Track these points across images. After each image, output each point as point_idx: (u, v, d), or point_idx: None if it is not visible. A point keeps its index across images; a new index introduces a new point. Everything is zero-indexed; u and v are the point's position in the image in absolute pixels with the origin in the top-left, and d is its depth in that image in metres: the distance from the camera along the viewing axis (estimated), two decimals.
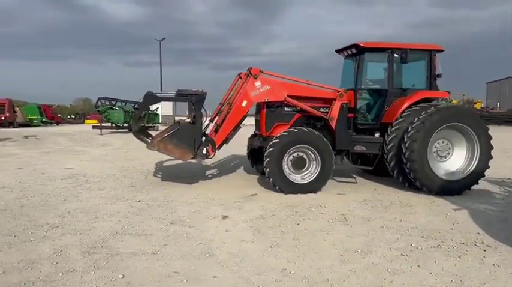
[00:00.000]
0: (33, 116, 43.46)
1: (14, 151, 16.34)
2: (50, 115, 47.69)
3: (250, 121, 9.90)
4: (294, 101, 8.80)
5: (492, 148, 8.30)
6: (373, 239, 5.38)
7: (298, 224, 6.04)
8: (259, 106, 9.15)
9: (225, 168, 11.62)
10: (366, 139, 9.05)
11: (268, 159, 8.05)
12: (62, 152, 15.82)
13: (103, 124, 29.89)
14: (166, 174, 10.56)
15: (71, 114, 70.81)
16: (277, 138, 8.19)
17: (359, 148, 8.96)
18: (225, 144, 8.95)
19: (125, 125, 29.75)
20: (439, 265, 4.47)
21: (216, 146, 8.50)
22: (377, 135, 9.21)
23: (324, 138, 8.29)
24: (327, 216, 6.49)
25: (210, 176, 10.35)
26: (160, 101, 9.08)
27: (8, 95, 36.12)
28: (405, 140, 8.00)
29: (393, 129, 8.40)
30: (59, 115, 48.47)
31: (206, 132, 8.76)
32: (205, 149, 8.36)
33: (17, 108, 41.52)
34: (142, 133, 9.29)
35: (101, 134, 27.48)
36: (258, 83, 8.55)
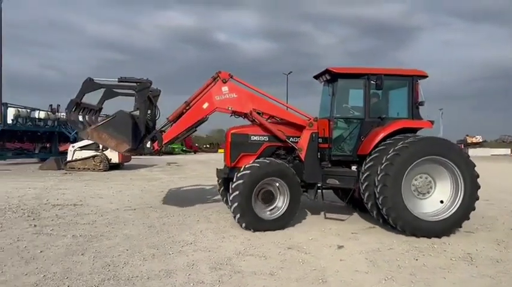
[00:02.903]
0: (175, 145, 48.63)
1: (158, 176, 18.66)
2: (189, 144, 52.81)
3: None
4: (260, 118, 8.18)
5: (478, 185, 7.26)
6: (501, 282, 5.00)
7: (416, 259, 5.89)
8: (226, 135, 8.58)
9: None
10: (340, 172, 8.21)
11: (236, 192, 7.29)
12: (198, 178, 17.52)
13: None
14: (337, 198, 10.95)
15: (207, 144, 77.38)
16: (247, 169, 7.45)
17: (332, 182, 8.15)
18: (175, 142, 8.55)
19: None
20: None
21: (163, 143, 7.98)
22: (354, 168, 8.25)
23: (293, 171, 7.72)
24: (449, 254, 6.18)
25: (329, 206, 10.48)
26: (100, 88, 8.05)
27: (213, 127, 41.08)
28: (377, 176, 7.19)
29: (367, 163, 7.59)
30: (196, 144, 53.47)
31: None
32: (149, 142, 7.93)
33: None
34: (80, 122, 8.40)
35: None
36: (225, 88, 8.00)
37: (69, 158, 20.82)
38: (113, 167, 21.22)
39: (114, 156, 20.89)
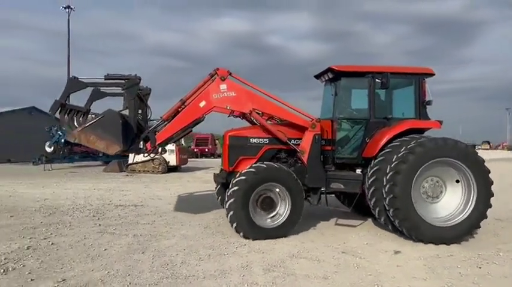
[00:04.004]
0: None
1: None
2: None
3: None
4: (261, 118, 7.80)
5: (491, 183, 6.70)
6: None
7: (480, 267, 5.61)
8: (223, 137, 8.17)
9: None
10: (345, 176, 7.71)
11: (232, 199, 6.89)
12: None
13: None
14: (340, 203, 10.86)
15: None
16: (243, 174, 7.01)
17: (336, 186, 7.63)
18: (169, 143, 7.98)
19: None
20: None
21: (157, 143, 7.48)
22: (359, 171, 7.76)
23: (294, 175, 7.22)
24: None
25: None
26: (85, 87, 7.46)
27: (210, 131, 42.30)
28: (385, 181, 6.73)
29: (373, 166, 7.14)
30: None
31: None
32: (142, 143, 7.56)
33: (217, 141, 47.95)
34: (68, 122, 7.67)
35: None
36: (223, 86, 7.50)
37: (130, 161, 21.79)
38: (171, 169, 21.99)
39: (172, 159, 21.66)
